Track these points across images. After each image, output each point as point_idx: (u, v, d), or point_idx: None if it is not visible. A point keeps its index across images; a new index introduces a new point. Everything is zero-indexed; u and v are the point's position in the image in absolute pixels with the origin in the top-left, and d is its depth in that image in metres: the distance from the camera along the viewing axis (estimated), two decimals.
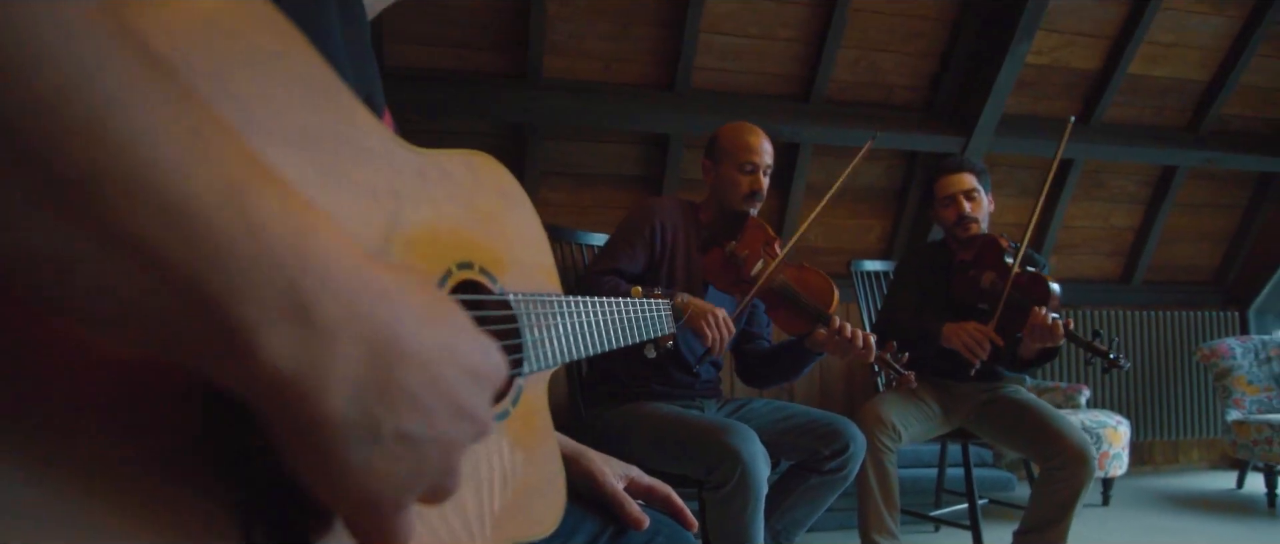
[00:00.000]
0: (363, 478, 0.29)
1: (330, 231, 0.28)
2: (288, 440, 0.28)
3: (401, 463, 0.30)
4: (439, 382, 0.31)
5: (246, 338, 0.25)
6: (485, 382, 0.33)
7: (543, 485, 0.56)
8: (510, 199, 0.56)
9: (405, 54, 2.70)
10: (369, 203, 0.40)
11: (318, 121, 0.36)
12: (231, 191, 0.25)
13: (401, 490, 0.31)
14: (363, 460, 0.29)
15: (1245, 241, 3.87)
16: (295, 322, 0.26)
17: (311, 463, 0.28)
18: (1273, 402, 3.32)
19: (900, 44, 3.05)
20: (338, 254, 0.28)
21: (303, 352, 0.26)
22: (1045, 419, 2.04)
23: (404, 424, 0.29)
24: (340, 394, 0.27)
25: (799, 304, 1.68)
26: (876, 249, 3.43)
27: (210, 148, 0.25)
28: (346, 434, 0.28)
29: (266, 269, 0.25)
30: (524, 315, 0.55)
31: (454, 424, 0.32)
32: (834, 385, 3.32)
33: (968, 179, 2.17)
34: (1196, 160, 3.48)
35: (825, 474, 1.72)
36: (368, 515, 0.30)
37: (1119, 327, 3.68)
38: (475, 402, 0.33)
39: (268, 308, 0.25)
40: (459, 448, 0.33)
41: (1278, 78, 3.51)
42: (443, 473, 0.33)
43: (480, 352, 0.33)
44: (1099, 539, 2.61)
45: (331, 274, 0.27)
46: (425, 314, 0.31)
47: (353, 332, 0.28)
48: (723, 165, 1.84)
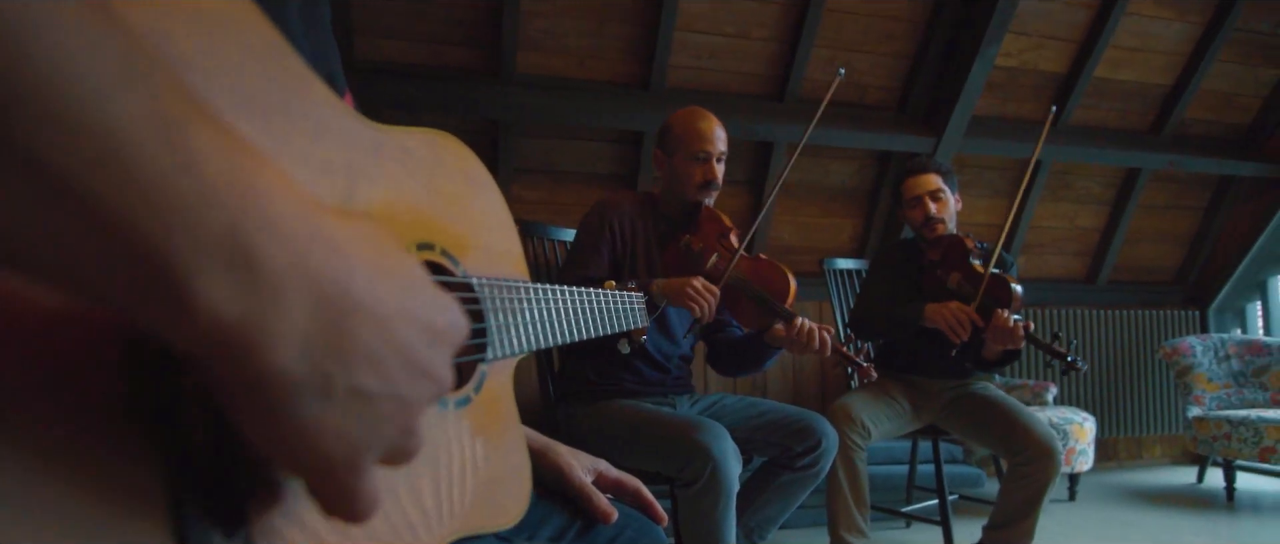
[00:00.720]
0: (315, 437, 0.27)
1: (275, 175, 0.26)
2: (234, 397, 0.27)
3: (356, 421, 0.29)
4: (394, 336, 0.29)
5: (183, 284, 0.24)
6: (443, 339, 0.32)
7: (506, 475, 0.55)
8: (475, 182, 0.54)
9: (377, 48, 2.67)
10: (321, 177, 0.38)
11: (267, 89, 0.34)
12: (164, 124, 0.23)
13: (357, 450, 0.29)
14: (314, 418, 0.27)
15: (1205, 243, 3.97)
16: (236, 268, 0.24)
17: (260, 421, 0.27)
18: (1231, 398, 3.41)
19: (874, 45, 3.08)
20: (283, 198, 0.26)
21: (246, 300, 0.25)
22: (1013, 415, 2.07)
23: (357, 379, 0.28)
24: (288, 347, 0.26)
25: (755, 299, 1.65)
26: (848, 248, 3.46)
27: (141, 77, 0.23)
28: (296, 390, 0.26)
29: (203, 209, 0.24)
30: (488, 300, 0.54)
31: (411, 381, 0.30)
32: (807, 382, 3.34)
33: (933, 180, 2.19)
34: (1159, 163, 3.56)
35: (797, 471, 1.72)
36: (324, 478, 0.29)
37: (1084, 326, 3.76)
38: (433, 359, 0.31)
39: (205, 252, 0.24)
40: (417, 407, 0.31)
41: (1237, 83, 3.60)
42: (402, 433, 0.31)
43: (438, 307, 0.32)
44: (1066, 534, 2.66)
45: (276, 219, 0.26)
46: (379, 266, 0.29)
47: (301, 280, 0.26)
48: (675, 155, 1.78)
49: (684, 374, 1.91)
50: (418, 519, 0.44)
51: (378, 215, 0.43)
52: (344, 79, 0.55)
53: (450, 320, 0.33)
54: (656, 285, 1.62)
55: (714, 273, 1.66)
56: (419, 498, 0.44)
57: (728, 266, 1.64)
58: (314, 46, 0.50)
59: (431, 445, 0.47)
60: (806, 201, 3.33)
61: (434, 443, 0.47)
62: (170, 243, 0.23)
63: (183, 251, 0.23)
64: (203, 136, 0.24)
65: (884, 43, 3.08)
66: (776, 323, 1.64)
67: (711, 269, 1.68)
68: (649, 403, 1.78)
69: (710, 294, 1.58)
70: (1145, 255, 3.98)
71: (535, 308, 0.62)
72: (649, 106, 2.87)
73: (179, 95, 0.24)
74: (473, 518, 0.50)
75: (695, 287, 1.57)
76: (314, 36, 0.50)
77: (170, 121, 0.23)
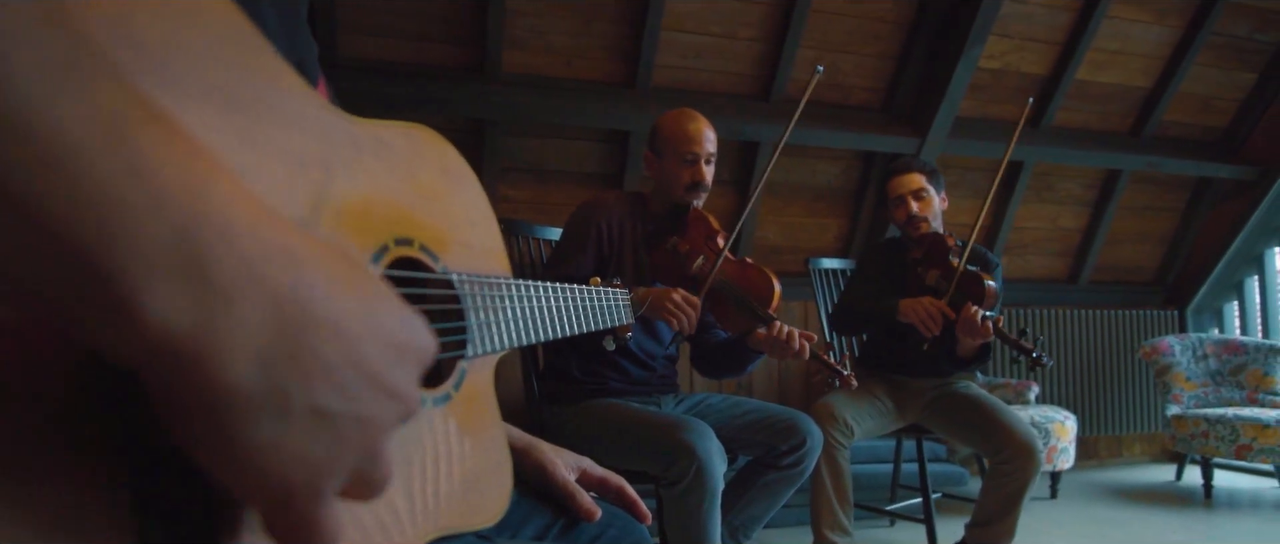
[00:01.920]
0: (272, 460, 0.26)
1: (228, 182, 0.25)
2: (184, 417, 0.25)
3: (316, 443, 0.27)
4: (357, 353, 0.28)
5: (129, 294, 0.22)
6: (410, 356, 0.31)
7: (486, 473, 0.54)
8: (455, 176, 0.54)
9: (360, 46, 2.64)
10: (294, 170, 0.37)
11: (237, 79, 0.33)
12: (111, 127, 0.22)
13: (318, 475, 0.27)
14: (271, 439, 0.26)
15: (1184, 244, 4.03)
16: (186, 277, 0.23)
17: (212, 443, 0.25)
18: (1209, 397, 3.46)
19: (859, 45, 3.09)
20: (237, 207, 0.25)
21: (196, 312, 0.23)
22: (994, 415, 2.09)
23: (318, 398, 0.26)
24: (242, 361, 0.24)
25: (739, 304, 1.64)
26: (834, 248, 3.48)
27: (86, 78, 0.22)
28: (251, 407, 0.25)
29: (150, 216, 0.23)
30: (468, 297, 0.53)
31: (375, 401, 0.29)
32: (791, 381, 3.35)
33: (917, 179, 2.21)
34: (1139, 164, 3.60)
35: (782, 470, 1.72)
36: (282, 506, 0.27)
37: (1066, 325, 3.80)
38: (399, 378, 0.30)
39: (152, 260, 0.23)
40: (383, 429, 0.30)
41: (1214, 86, 3.66)
42: (367, 458, 0.29)
43: (404, 324, 0.31)
44: (1047, 531, 2.68)
45: (230, 227, 0.24)
46: (341, 279, 0.28)
47: (256, 291, 0.25)
48: (665, 157, 1.79)
49: (669, 373, 1.91)
50: (393, 519, 0.43)
51: (354, 210, 0.42)
52: (317, 68, 0.54)
53: (417, 338, 0.31)
54: (638, 295, 1.60)
55: (699, 275, 1.66)
56: (394, 496, 0.44)
57: (712, 270, 1.64)
58: (287, 36, 0.49)
59: (409, 443, 0.46)
60: (792, 201, 3.34)
61: (412, 441, 0.46)
62: (116, 250, 0.22)
63: (129, 260, 0.22)
64: (152, 140, 0.23)
65: (869, 43, 3.10)
66: (758, 327, 1.63)
67: (697, 271, 1.67)
68: (634, 402, 1.78)
69: (691, 308, 1.56)
70: (1125, 256, 4.03)
71: (517, 304, 0.61)
72: (635, 106, 2.87)
73: (127, 97, 0.23)
74: (451, 516, 0.49)
75: (675, 300, 1.56)
76: (287, 25, 0.49)
77: (117, 124, 0.22)
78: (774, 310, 1.63)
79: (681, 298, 1.56)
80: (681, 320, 1.56)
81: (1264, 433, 3.01)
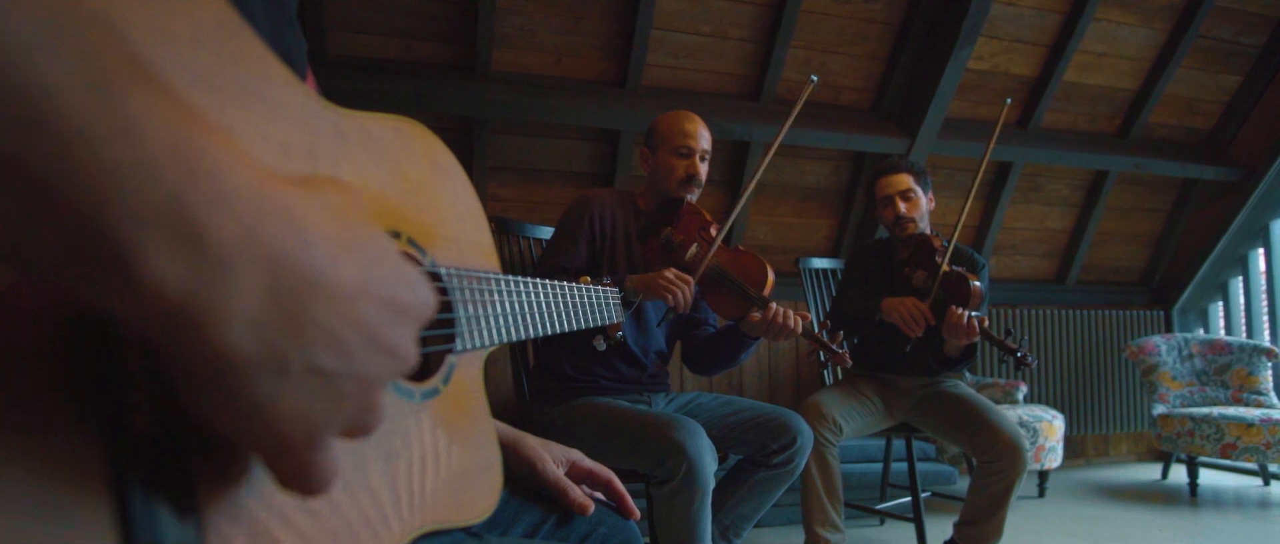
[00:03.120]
0: (272, 416, 0.26)
1: (223, 141, 0.25)
2: (185, 375, 0.25)
3: (315, 400, 0.27)
4: (355, 314, 0.28)
5: (126, 258, 0.22)
6: (408, 315, 0.31)
7: (476, 468, 0.54)
8: (443, 170, 0.53)
9: (349, 43, 2.63)
10: (279, 160, 0.37)
11: (222, 67, 0.33)
12: (100, 86, 0.22)
13: (316, 428, 0.28)
14: (270, 397, 0.26)
15: (1169, 244, 4.07)
16: (182, 240, 0.23)
17: (212, 400, 0.26)
18: (1194, 396, 3.49)
19: (849, 46, 3.10)
20: (233, 167, 0.25)
21: (192, 276, 0.23)
22: (982, 414, 2.10)
23: (316, 358, 0.27)
24: (239, 326, 0.25)
25: (733, 288, 1.67)
26: (824, 247, 3.49)
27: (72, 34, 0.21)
28: (250, 369, 0.25)
29: (144, 178, 0.22)
30: (457, 291, 0.53)
31: (373, 360, 0.29)
32: (782, 380, 3.36)
33: (905, 180, 2.22)
34: (1126, 165, 3.63)
35: (773, 468, 1.73)
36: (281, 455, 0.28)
37: (1054, 326, 3.82)
38: (397, 336, 0.30)
39: (147, 222, 0.22)
40: (379, 384, 0.30)
41: (1200, 88, 3.69)
42: (363, 409, 0.30)
43: (403, 281, 0.31)
44: (1035, 529, 2.70)
45: (224, 189, 0.24)
46: (339, 238, 0.28)
47: (252, 256, 0.25)
48: (660, 151, 1.82)
49: (660, 372, 1.91)
50: (382, 513, 0.43)
51: None
52: (305, 62, 0.54)
53: (416, 295, 0.32)
54: (631, 281, 1.62)
55: (693, 263, 1.67)
56: (386, 491, 0.43)
57: (706, 256, 1.66)
58: (273, 28, 0.49)
59: (398, 438, 0.46)
60: (782, 201, 3.35)
61: (401, 435, 0.46)
62: (109, 214, 0.22)
63: (123, 223, 0.22)
64: (143, 99, 0.23)
65: (859, 44, 3.11)
66: (753, 311, 1.65)
67: (691, 260, 1.69)
68: (624, 401, 1.77)
69: (684, 283, 1.58)
70: (1112, 256, 4.06)
71: (506, 299, 0.61)
72: (625, 105, 2.87)
73: (117, 55, 0.23)
74: (440, 512, 0.49)
75: (668, 277, 1.58)
76: (273, 17, 0.49)
77: (107, 83, 0.22)
78: (767, 294, 1.65)
79: (675, 274, 1.59)
80: (676, 295, 1.57)
81: (1248, 432, 3.04)
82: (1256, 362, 3.46)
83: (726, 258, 1.70)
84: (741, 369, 3.30)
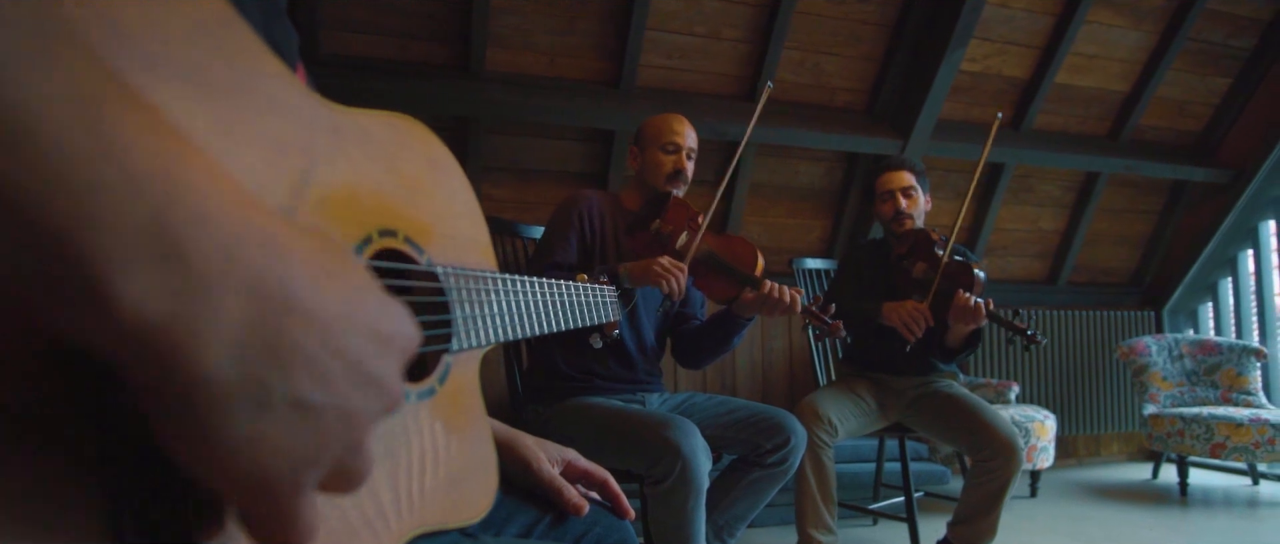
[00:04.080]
0: (251, 453, 0.25)
1: (205, 165, 0.25)
2: (160, 408, 0.24)
3: (297, 435, 0.26)
4: (338, 343, 0.27)
5: (103, 280, 0.22)
6: (392, 347, 0.30)
7: (472, 469, 0.54)
8: (440, 168, 0.53)
9: (343, 42, 2.62)
10: (275, 156, 0.36)
11: (217, 63, 0.33)
12: (82, 106, 0.21)
13: (299, 468, 0.27)
14: (249, 431, 0.25)
15: (1160, 246, 4.09)
16: (162, 262, 0.22)
17: (189, 435, 0.24)
18: (1185, 396, 3.51)
19: (842, 47, 3.11)
20: (215, 190, 0.24)
21: (172, 299, 0.23)
22: (976, 413, 2.10)
23: (298, 389, 0.26)
24: (219, 351, 0.24)
25: (725, 270, 1.70)
26: (818, 248, 3.49)
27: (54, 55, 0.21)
28: (228, 399, 0.24)
29: (124, 198, 0.22)
30: (453, 289, 0.52)
31: (357, 392, 0.28)
32: (776, 380, 3.36)
33: (906, 177, 2.24)
34: (1117, 167, 3.66)
35: (767, 468, 1.73)
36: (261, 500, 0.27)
37: (1046, 326, 3.84)
38: (381, 368, 0.29)
39: (127, 244, 0.22)
40: (365, 421, 0.29)
41: (1190, 90, 3.72)
42: (349, 450, 0.29)
43: (386, 314, 0.30)
44: (1028, 529, 2.71)
45: (207, 212, 0.24)
46: (320, 268, 0.27)
47: (234, 280, 0.24)
48: (648, 149, 1.88)
49: (654, 372, 1.91)
50: (376, 514, 0.42)
51: (336, 199, 0.41)
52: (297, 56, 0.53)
53: (400, 328, 0.31)
54: (624, 269, 1.64)
55: (684, 251, 1.70)
56: (376, 492, 0.43)
57: (695, 241, 1.69)
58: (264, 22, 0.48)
59: (392, 437, 0.45)
60: (776, 202, 3.35)
61: (395, 435, 0.46)
62: (88, 235, 0.21)
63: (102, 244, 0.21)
64: (125, 120, 0.22)
65: (852, 46, 3.12)
66: (746, 291, 1.69)
67: (681, 248, 1.71)
68: (619, 400, 1.77)
69: (677, 270, 1.61)
70: (1103, 257, 4.08)
71: (503, 298, 0.60)
72: (620, 105, 2.86)
73: (98, 75, 0.22)
74: (435, 512, 0.49)
75: (662, 264, 1.61)
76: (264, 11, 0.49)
77: (88, 103, 0.21)
78: (759, 274, 1.68)
79: (669, 261, 1.62)
80: (670, 281, 1.59)
81: (1237, 432, 3.06)
82: (1245, 362, 3.48)
83: (716, 243, 1.74)
84: (735, 370, 3.30)
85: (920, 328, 2.01)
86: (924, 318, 2.01)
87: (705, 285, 1.75)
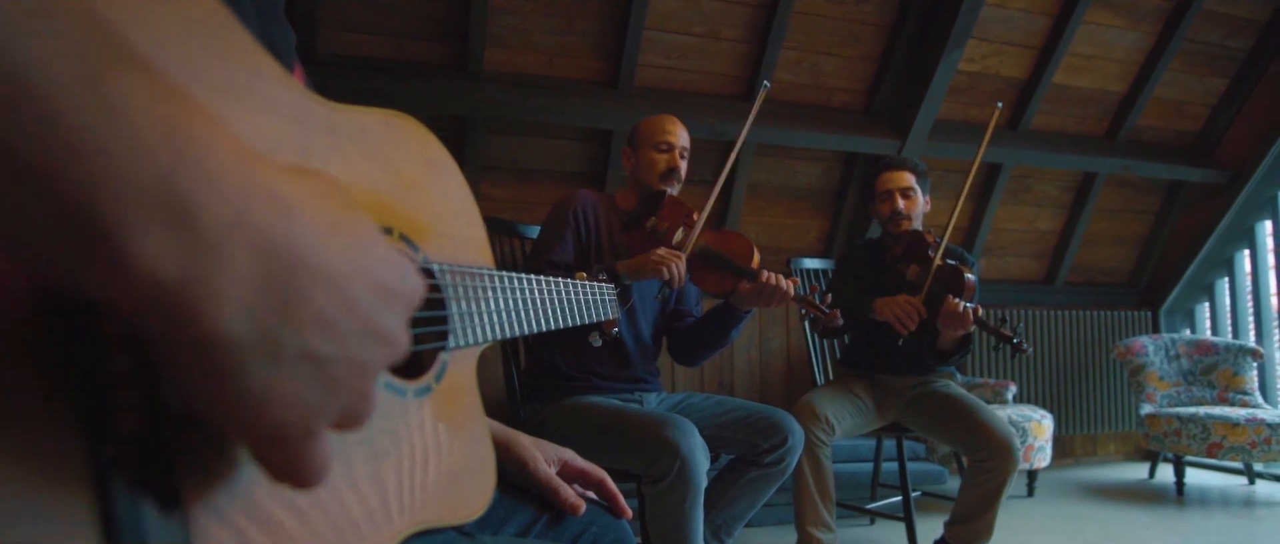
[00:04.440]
0: (265, 403, 0.26)
1: (211, 123, 0.25)
2: (176, 361, 0.25)
3: (309, 386, 0.27)
4: (346, 297, 0.28)
5: (116, 241, 0.22)
6: (398, 300, 0.31)
7: (469, 467, 0.54)
8: (437, 166, 0.53)
9: (342, 41, 2.62)
10: (270, 154, 0.36)
11: (211, 61, 0.33)
12: (85, 67, 0.21)
13: (310, 416, 0.28)
14: (264, 383, 0.26)
15: (1157, 246, 4.10)
16: (173, 223, 0.23)
17: (205, 387, 0.25)
18: (1181, 396, 3.52)
19: (841, 47, 3.11)
20: (222, 149, 0.25)
21: (185, 258, 0.23)
22: (973, 413, 2.10)
23: (309, 342, 0.27)
24: (232, 308, 0.24)
25: (722, 263, 1.72)
26: (815, 248, 3.50)
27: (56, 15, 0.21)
28: (243, 353, 0.25)
29: (133, 159, 0.22)
30: (450, 287, 0.52)
31: (365, 344, 0.29)
32: (773, 380, 3.37)
33: (906, 177, 2.24)
34: (1114, 167, 3.66)
35: (764, 467, 1.73)
36: (276, 445, 0.28)
37: (1043, 326, 3.85)
38: (388, 321, 0.30)
39: (138, 205, 0.22)
40: (372, 371, 0.30)
41: (1187, 91, 3.72)
42: (356, 397, 0.30)
43: (392, 267, 0.31)
44: (1025, 528, 2.72)
45: (214, 171, 0.24)
46: (328, 223, 0.28)
47: (244, 238, 0.25)
48: (641, 149, 1.90)
49: (652, 371, 1.91)
50: (372, 512, 0.43)
51: None
52: (294, 55, 0.53)
53: (405, 281, 0.32)
54: (623, 265, 1.65)
55: (679, 247, 1.72)
56: (375, 490, 0.43)
57: (691, 236, 1.71)
58: (261, 21, 0.48)
59: (389, 436, 0.45)
60: (774, 202, 3.36)
61: (392, 433, 0.46)
62: (98, 196, 0.21)
63: (113, 206, 0.22)
64: (130, 80, 0.23)
65: (851, 46, 3.12)
66: (742, 282, 1.71)
67: (676, 245, 1.73)
68: (617, 400, 1.77)
69: (675, 257, 1.63)
70: (1100, 258, 4.09)
71: (500, 296, 0.60)
72: (618, 105, 2.86)
73: (102, 36, 0.22)
74: (433, 511, 0.49)
75: (660, 254, 1.62)
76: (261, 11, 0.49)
77: (92, 64, 0.22)
78: (754, 267, 1.71)
79: (666, 251, 1.64)
80: (670, 268, 1.61)
81: (1234, 431, 3.07)
82: (1242, 362, 3.49)
83: (711, 238, 1.76)
84: (733, 369, 3.30)
85: (913, 321, 2.01)
86: (917, 311, 2.01)
87: (701, 280, 1.77)
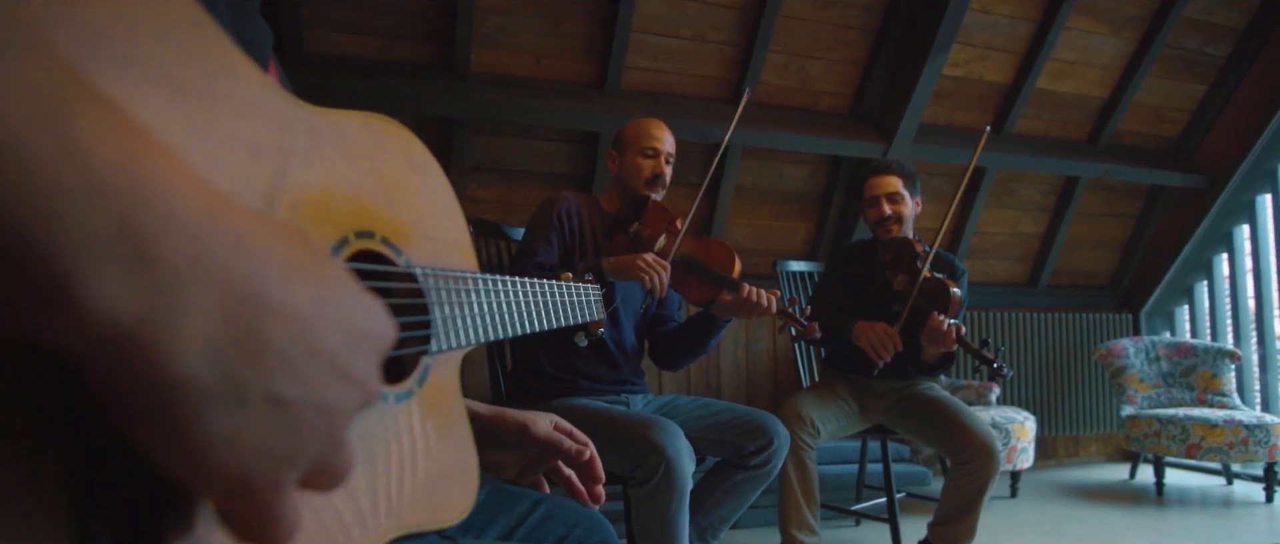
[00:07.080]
0: (229, 451, 0.25)
1: (171, 163, 0.24)
2: (133, 410, 0.24)
3: (275, 432, 0.26)
4: (313, 339, 0.27)
5: (69, 283, 0.21)
6: (368, 342, 0.30)
7: (451, 470, 0.53)
8: (420, 168, 0.53)
9: (327, 41, 2.60)
10: (248, 158, 0.36)
11: (188, 63, 0.32)
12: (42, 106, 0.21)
13: (278, 466, 0.27)
14: (227, 429, 0.25)
15: (1137, 249, 4.15)
16: (130, 263, 0.22)
17: (165, 436, 0.24)
18: (1161, 398, 3.56)
19: (827, 51, 3.13)
20: (182, 189, 0.24)
21: (143, 300, 0.22)
22: (955, 416, 2.12)
23: (274, 386, 0.26)
24: (192, 350, 0.23)
25: (703, 272, 1.72)
26: (802, 250, 3.51)
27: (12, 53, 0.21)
28: (205, 397, 0.24)
29: (89, 199, 0.21)
30: (432, 291, 0.52)
31: (334, 388, 0.28)
32: (759, 383, 3.38)
33: (893, 182, 2.24)
34: (1096, 172, 3.71)
35: (750, 470, 1.73)
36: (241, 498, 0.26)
37: (1026, 329, 3.89)
38: (357, 364, 0.29)
39: (93, 246, 0.21)
40: (343, 416, 0.29)
41: (1167, 97, 3.78)
42: (328, 445, 0.29)
43: (361, 309, 0.30)
44: (1007, 529, 2.74)
45: (175, 211, 0.23)
46: (292, 264, 0.27)
47: (204, 278, 0.24)
48: (627, 153, 1.89)
49: (637, 372, 1.91)
50: (354, 518, 0.42)
51: (312, 201, 0.41)
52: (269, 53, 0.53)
53: (375, 324, 0.31)
54: (608, 263, 1.65)
55: (662, 254, 1.71)
56: (356, 495, 0.43)
57: (674, 244, 1.71)
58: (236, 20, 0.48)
59: (371, 440, 0.45)
60: (760, 204, 3.37)
61: (374, 437, 0.45)
62: (53, 238, 0.21)
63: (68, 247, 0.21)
64: (88, 119, 0.22)
65: (837, 50, 3.14)
66: (723, 292, 1.71)
67: (659, 252, 1.73)
68: (603, 402, 1.77)
69: (661, 267, 1.63)
70: (1082, 261, 4.13)
71: (483, 299, 0.60)
72: (605, 107, 2.86)
73: (60, 74, 0.22)
74: (416, 514, 0.49)
75: (645, 260, 1.62)
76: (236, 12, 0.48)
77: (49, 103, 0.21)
78: (736, 276, 1.71)
79: (652, 258, 1.64)
80: (653, 277, 1.61)
81: (1212, 432, 3.11)
82: (1220, 364, 3.54)
83: (694, 246, 1.77)
84: (720, 371, 3.31)
85: (888, 353, 2.03)
86: (893, 343, 2.02)
87: (683, 287, 1.77)
